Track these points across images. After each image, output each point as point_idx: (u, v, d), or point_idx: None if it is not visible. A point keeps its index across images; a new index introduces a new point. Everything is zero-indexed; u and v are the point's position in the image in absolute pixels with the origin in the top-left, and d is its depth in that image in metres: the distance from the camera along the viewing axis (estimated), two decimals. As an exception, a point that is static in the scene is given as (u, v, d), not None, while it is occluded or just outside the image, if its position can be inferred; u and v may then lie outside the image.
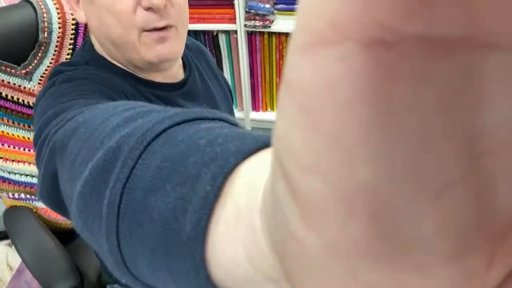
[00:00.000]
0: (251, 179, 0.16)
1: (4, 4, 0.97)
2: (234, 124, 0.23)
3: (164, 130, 0.21)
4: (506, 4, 0.07)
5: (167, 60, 0.56)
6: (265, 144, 0.18)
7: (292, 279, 0.11)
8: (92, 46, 0.57)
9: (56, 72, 0.54)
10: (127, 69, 0.57)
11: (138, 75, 0.57)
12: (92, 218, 0.22)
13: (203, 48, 0.78)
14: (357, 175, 0.08)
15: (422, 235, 0.08)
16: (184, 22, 0.57)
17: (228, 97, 0.79)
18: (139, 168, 0.20)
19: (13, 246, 1.30)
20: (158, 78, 0.59)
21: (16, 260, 1.26)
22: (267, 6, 1.82)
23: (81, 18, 0.54)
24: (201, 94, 0.68)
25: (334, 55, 0.07)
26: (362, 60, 0.07)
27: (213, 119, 0.23)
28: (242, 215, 0.15)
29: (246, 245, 0.15)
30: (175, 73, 0.63)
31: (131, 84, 0.55)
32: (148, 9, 0.50)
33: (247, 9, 1.85)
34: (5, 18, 0.75)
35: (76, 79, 0.48)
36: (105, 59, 0.56)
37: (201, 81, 0.69)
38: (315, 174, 0.08)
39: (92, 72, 0.52)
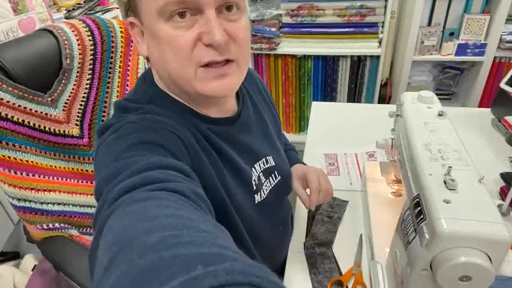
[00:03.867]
0: None
1: (20, 31, 0.99)
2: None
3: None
4: None
5: (223, 96, 0.55)
6: None
7: None
8: (153, 79, 0.57)
9: (121, 108, 0.55)
10: (186, 104, 0.56)
11: (195, 109, 0.57)
12: None
13: (252, 71, 0.76)
14: None
15: None
16: (246, 56, 0.55)
17: (277, 118, 0.78)
18: None
19: (19, 267, 1.30)
20: (213, 111, 0.59)
21: (22, 281, 1.26)
22: (273, 29, 1.87)
23: (143, 51, 0.54)
24: (255, 124, 0.67)
25: None
26: None
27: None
28: None
29: None
30: (230, 105, 0.62)
31: (190, 122, 0.55)
32: (209, 45, 0.48)
33: (253, 33, 1.90)
34: (29, 47, 0.75)
35: (138, 130, 0.48)
36: (166, 94, 0.56)
37: (253, 109, 0.68)
38: None
39: (153, 120, 0.51)
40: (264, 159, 0.67)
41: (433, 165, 0.54)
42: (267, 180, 0.67)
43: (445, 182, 0.50)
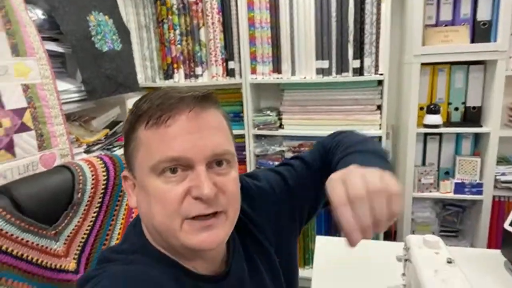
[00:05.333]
0: None
1: (40, 165, 1.03)
2: None
3: None
4: None
5: (209, 249, 0.52)
6: None
7: None
8: (142, 231, 0.57)
9: (104, 260, 0.53)
10: (173, 258, 0.54)
11: (182, 263, 0.54)
12: None
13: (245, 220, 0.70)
14: None
15: None
16: (235, 207, 0.54)
17: (276, 265, 0.69)
18: None
19: None
20: (200, 265, 0.56)
21: None
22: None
23: (133, 203, 0.55)
24: (247, 277, 0.62)
25: None
26: None
27: None
28: None
29: None
30: (220, 259, 0.59)
31: (177, 278, 0.52)
32: (197, 198, 0.49)
33: (257, 166, 2.00)
34: (44, 182, 0.80)
35: (117, 286, 0.47)
36: (153, 247, 0.55)
37: (246, 261, 0.63)
38: None
39: (136, 272, 0.50)
40: None
41: (451, 323, 0.50)
42: None
43: None
